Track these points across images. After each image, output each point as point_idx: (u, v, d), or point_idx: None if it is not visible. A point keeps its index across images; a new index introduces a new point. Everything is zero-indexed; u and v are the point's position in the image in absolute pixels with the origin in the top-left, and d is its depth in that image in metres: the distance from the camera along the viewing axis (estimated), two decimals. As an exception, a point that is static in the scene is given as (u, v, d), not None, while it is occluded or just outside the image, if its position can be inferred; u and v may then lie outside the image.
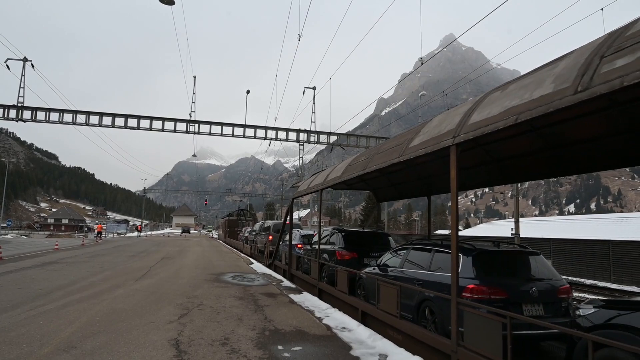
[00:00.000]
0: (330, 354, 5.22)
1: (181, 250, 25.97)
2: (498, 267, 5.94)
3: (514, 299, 5.37)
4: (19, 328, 5.81)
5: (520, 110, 3.90)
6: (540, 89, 3.82)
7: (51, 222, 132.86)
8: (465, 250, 5.90)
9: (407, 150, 6.10)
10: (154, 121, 29.33)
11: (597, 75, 3.25)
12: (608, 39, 3.51)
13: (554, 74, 3.79)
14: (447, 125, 5.36)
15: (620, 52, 3.21)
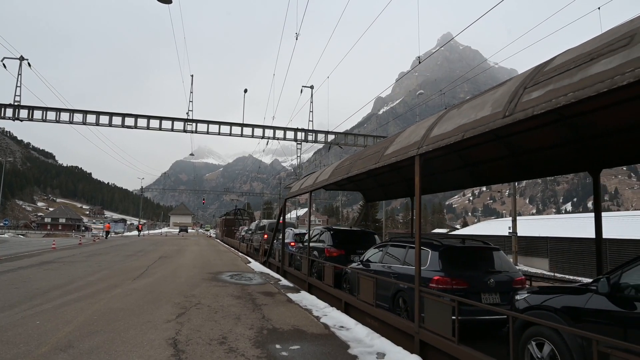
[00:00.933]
0: (328, 352, 5.23)
1: (179, 249, 25.93)
2: (461, 261, 6.64)
3: (473, 289, 6.13)
4: (16, 327, 5.79)
5: (467, 128, 4.69)
6: (482, 111, 4.58)
7: (48, 222, 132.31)
8: (434, 246, 6.72)
9: (382, 157, 6.97)
10: (151, 120, 29.28)
11: (519, 103, 3.98)
12: (533, 72, 4.23)
13: (493, 99, 4.52)
14: (414, 137, 6.14)
15: (536, 85, 3.90)
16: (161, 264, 15.96)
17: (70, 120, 27.90)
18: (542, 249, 29.96)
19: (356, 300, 8.00)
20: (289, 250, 14.97)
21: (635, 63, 2.94)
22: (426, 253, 6.66)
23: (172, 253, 22.06)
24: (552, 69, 3.85)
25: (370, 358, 5.12)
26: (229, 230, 44.70)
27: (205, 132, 30.43)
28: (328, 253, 11.28)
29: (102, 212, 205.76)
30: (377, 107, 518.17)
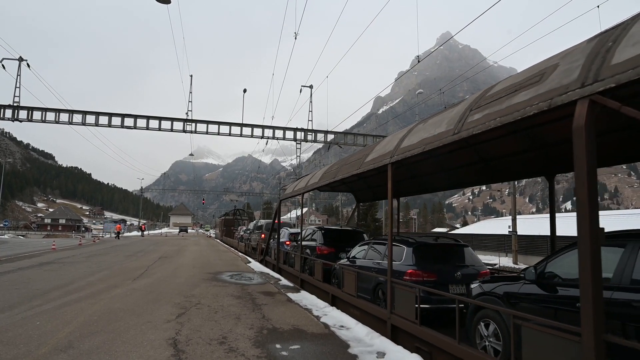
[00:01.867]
0: (329, 352, 5.23)
1: (179, 249, 25.93)
2: (432, 256, 7.40)
3: (442, 281, 6.86)
4: (16, 328, 5.79)
5: (428, 141, 5.44)
6: (439, 127, 5.30)
7: (48, 222, 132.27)
8: (409, 244, 7.51)
9: (363, 164, 7.81)
10: (151, 120, 29.26)
11: (465, 123, 4.64)
12: (478, 97, 4.89)
13: (449, 118, 5.23)
14: (389, 147, 6.94)
15: (478, 109, 4.57)
16: (161, 264, 15.96)
17: (69, 120, 27.88)
18: (542, 247, 29.96)
19: (341, 293, 8.81)
20: (284, 248, 15.66)
21: (540, 97, 3.68)
22: (402, 249, 7.49)
23: (172, 253, 22.06)
24: (491, 95, 4.57)
25: (370, 357, 5.12)
26: (228, 230, 45.24)
27: (204, 132, 30.40)
28: (319, 251, 12.05)
29: (102, 212, 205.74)
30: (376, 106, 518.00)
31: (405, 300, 6.12)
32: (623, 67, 3.08)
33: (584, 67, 3.50)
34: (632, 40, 3.23)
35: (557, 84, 3.65)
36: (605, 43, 3.49)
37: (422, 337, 5.57)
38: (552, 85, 3.67)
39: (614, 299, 3.72)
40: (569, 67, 3.69)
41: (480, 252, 38.51)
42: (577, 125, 3.32)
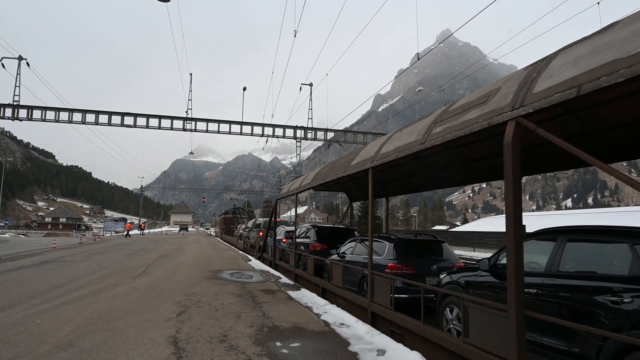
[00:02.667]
0: (329, 349, 5.23)
1: (179, 248, 25.95)
2: (411, 251, 8.17)
3: (419, 273, 7.58)
4: (17, 327, 5.80)
5: (401, 149, 6.24)
6: (411, 137, 6.07)
7: (49, 221, 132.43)
8: (391, 240, 8.32)
9: (348, 168, 8.70)
10: (151, 119, 29.26)
11: (430, 135, 5.43)
12: (443, 111, 5.70)
13: (419, 129, 6.00)
14: (370, 153, 7.78)
15: (441, 122, 5.33)
16: (161, 262, 15.97)
17: (69, 119, 27.87)
18: (542, 245, 30.01)
19: (330, 285, 9.73)
20: (281, 246, 16.42)
21: (484, 117, 4.41)
22: (384, 245, 8.30)
23: (172, 252, 22.08)
24: (451, 111, 5.32)
25: (370, 355, 5.12)
26: (228, 229, 45.95)
27: (204, 130, 30.39)
28: (312, 247, 12.80)
29: (102, 211, 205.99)
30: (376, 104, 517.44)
31: (382, 290, 6.99)
32: (539, 96, 3.71)
33: (516, 93, 4.12)
34: (548, 73, 3.83)
35: (496, 105, 4.35)
36: (532, 73, 4.09)
37: (395, 321, 6.45)
38: (493, 106, 4.38)
39: (545, 283, 4.56)
40: (506, 92, 4.35)
41: (480, 250, 38.54)
42: (506, 142, 3.97)
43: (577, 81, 3.31)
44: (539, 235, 5.23)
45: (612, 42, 3.27)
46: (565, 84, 3.43)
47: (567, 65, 3.60)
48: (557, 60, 3.82)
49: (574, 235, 4.67)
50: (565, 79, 3.47)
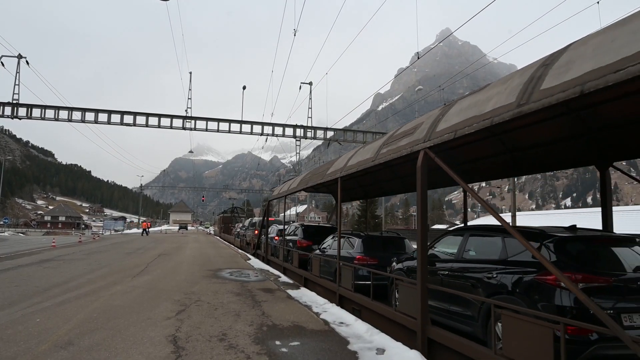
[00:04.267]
0: (328, 348, 5.24)
1: (178, 246, 25.96)
2: (376, 245, 9.64)
3: (382, 264, 8.70)
4: (16, 325, 5.80)
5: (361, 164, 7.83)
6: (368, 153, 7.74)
7: (48, 220, 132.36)
8: (360, 236, 9.82)
9: (325, 176, 10.24)
10: (150, 117, 29.25)
11: (379, 154, 7.02)
12: (390, 135, 7.23)
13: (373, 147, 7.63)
14: (339, 164, 9.43)
15: (387, 145, 6.88)
16: (161, 261, 15.97)
17: (69, 118, 27.85)
18: (541, 244, 29.99)
19: (310, 275, 11.23)
20: (273, 243, 17.87)
21: (410, 145, 5.95)
22: (355, 240, 9.79)
23: (171, 250, 22.09)
24: (394, 136, 6.83)
25: (369, 354, 5.13)
26: (226, 227, 46.82)
27: (204, 129, 30.38)
28: (299, 244, 14.04)
29: (101, 210, 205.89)
30: (376, 103, 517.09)
31: (347, 277, 8.47)
32: (439, 134, 5.22)
33: (428, 129, 5.58)
34: (447, 117, 5.27)
35: (416, 137, 5.84)
36: (439, 116, 5.57)
37: (355, 300, 7.98)
38: (415, 137, 5.90)
39: (454, 267, 6.01)
40: (423, 128, 5.82)
41: (479, 249, 38.57)
42: (418, 165, 5.52)
43: (454, 128, 4.93)
44: (453, 232, 6.78)
45: (474, 103, 4.80)
46: (450, 129, 5.03)
47: (453, 114, 5.17)
48: (452, 109, 5.39)
49: (473, 231, 6.11)
50: (449, 125, 5.09)
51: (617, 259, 4.71)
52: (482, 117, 4.42)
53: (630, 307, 4.19)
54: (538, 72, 3.97)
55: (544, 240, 4.81)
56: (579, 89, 3.26)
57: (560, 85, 3.51)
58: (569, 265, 4.44)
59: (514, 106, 3.98)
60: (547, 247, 4.71)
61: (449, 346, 4.95)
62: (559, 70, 3.68)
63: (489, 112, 4.33)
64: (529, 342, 3.84)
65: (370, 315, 7.25)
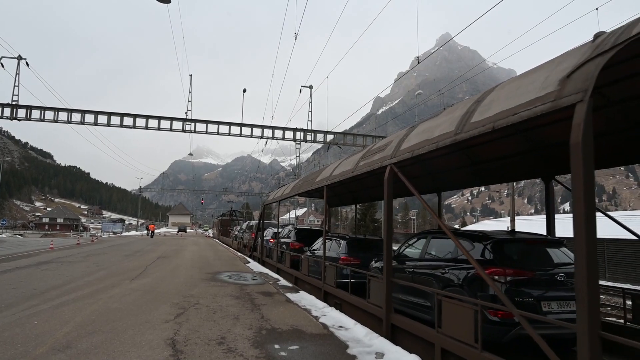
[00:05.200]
0: (327, 352, 5.22)
1: (177, 249, 25.90)
2: (359, 247, 10.42)
3: (364, 263, 9.41)
4: (13, 328, 5.77)
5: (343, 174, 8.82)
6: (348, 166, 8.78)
7: (46, 222, 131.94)
8: (345, 239, 10.78)
9: (314, 183, 11.25)
10: (150, 120, 29.22)
11: (357, 166, 7.99)
12: (368, 149, 8.26)
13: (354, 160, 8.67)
14: (326, 173, 10.38)
15: (364, 158, 7.88)
16: (160, 264, 15.93)
17: (68, 119, 27.83)
18: (540, 248, 29.96)
19: (300, 274, 12.14)
20: (268, 245, 18.68)
21: (380, 160, 6.90)
22: (340, 242, 10.72)
23: (170, 253, 22.04)
24: (371, 150, 7.88)
25: (369, 358, 5.11)
26: (225, 230, 47.45)
27: (204, 131, 30.38)
28: (292, 246, 14.90)
29: (100, 212, 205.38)
30: (376, 107, 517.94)
31: (331, 275, 9.42)
32: (402, 152, 6.23)
33: (395, 147, 6.59)
34: (409, 138, 6.29)
35: (386, 154, 6.85)
36: (404, 135, 6.66)
37: (337, 295, 8.96)
38: (385, 154, 6.89)
39: (418, 265, 6.91)
40: (392, 145, 6.83)
41: (478, 253, 38.55)
42: (385, 178, 6.54)
43: (412, 148, 5.94)
44: (419, 235, 7.68)
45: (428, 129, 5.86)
46: (409, 148, 6.02)
47: (413, 136, 6.19)
48: (413, 132, 6.37)
49: (434, 235, 7.01)
50: (410, 145, 6.07)
51: (545, 257, 5.66)
52: (432, 141, 5.46)
53: (550, 296, 5.15)
54: (472, 107, 4.94)
55: (485, 242, 5.72)
56: (491, 125, 4.30)
57: (482, 121, 4.52)
58: (502, 262, 5.38)
59: (452, 134, 4.99)
60: (486, 247, 5.65)
61: (407, 330, 5.98)
62: (483, 109, 4.67)
63: (436, 137, 5.38)
64: (459, 321, 4.85)
65: (349, 307, 8.24)
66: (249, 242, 24.36)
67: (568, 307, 5.18)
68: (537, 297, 5.07)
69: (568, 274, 5.37)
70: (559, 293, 5.22)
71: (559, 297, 5.20)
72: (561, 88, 3.66)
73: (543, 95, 3.79)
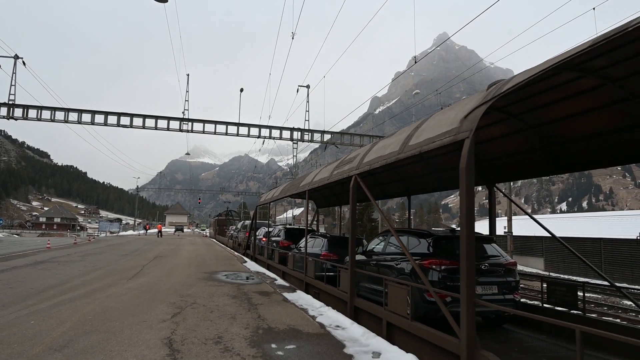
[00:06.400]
0: (324, 352, 5.23)
1: (174, 248, 25.86)
2: (338, 244, 11.46)
3: (342, 259, 10.17)
4: (10, 327, 5.76)
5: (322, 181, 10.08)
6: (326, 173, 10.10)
7: (43, 221, 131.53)
8: (326, 237, 12.03)
9: (299, 187, 12.77)
10: (147, 119, 29.12)
11: (332, 175, 9.38)
12: (341, 161, 9.49)
13: (329, 169, 9.96)
14: (309, 179, 11.92)
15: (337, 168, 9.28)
16: (157, 263, 15.91)
17: (65, 119, 27.72)
18: (537, 248, 30.10)
19: (287, 269, 13.58)
20: (260, 243, 20.02)
21: (348, 171, 8.20)
22: (322, 240, 11.91)
23: (167, 252, 22.00)
24: (344, 161, 9.19)
25: (365, 357, 5.12)
26: (221, 230, 48.46)
27: (201, 131, 30.29)
28: (281, 244, 16.11)
29: (97, 211, 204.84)
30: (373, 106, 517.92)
31: (312, 268, 10.75)
32: (363, 165, 7.49)
33: (360, 160, 7.85)
34: (370, 153, 7.54)
35: (353, 165, 8.12)
36: (368, 150, 7.89)
37: (316, 286, 10.24)
38: (352, 165, 8.20)
39: (380, 259, 7.99)
40: (358, 158, 8.08)
41: (475, 253, 38.56)
42: (351, 186, 7.73)
43: (370, 162, 7.23)
44: (383, 233, 8.73)
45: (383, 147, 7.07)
46: (368, 163, 7.32)
47: (373, 152, 7.43)
48: (374, 147, 7.59)
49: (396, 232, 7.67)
50: (369, 159, 7.35)
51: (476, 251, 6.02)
52: (383, 158, 6.74)
53: (479, 281, 6.15)
54: (412, 132, 6.20)
55: (428, 239, 6.93)
56: (419, 150, 5.60)
57: (415, 145, 5.75)
58: (439, 255, 6.52)
59: (396, 153, 6.26)
60: (429, 243, 6.81)
61: (365, 310, 7.28)
62: (418, 134, 5.91)
63: (387, 154, 6.63)
64: (398, 300, 6.11)
65: (325, 295, 9.53)
66: (243, 241, 25.38)
67: (490, 290, 6.32)
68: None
69: (492, 264, 6.50)
70: (483, 279, 6.27)
71: (483, 282, 6.27)
72: (460, 125, 4.82)
73: (449, 130, 5.00)
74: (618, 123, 5.64)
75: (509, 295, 6.42)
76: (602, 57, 4.56)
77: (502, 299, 6.28)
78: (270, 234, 18.75)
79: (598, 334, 3.47)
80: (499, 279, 6.44)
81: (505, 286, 6.44)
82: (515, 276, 6.67)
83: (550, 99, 5.84)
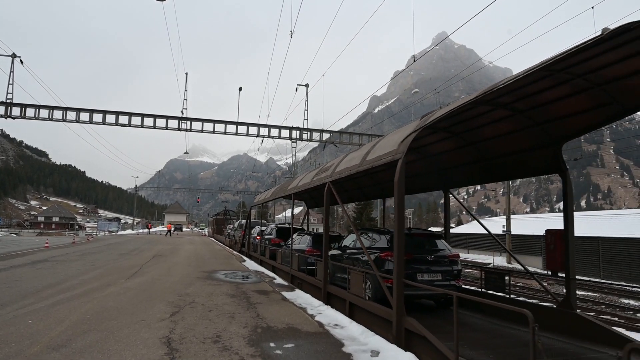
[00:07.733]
0: (323, 350, 5.23)
1: (173, 248, 25.83)
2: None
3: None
4: (8, 327, 5.75)
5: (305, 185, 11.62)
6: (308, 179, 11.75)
7: (41, 220, 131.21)
8: (310, 234, 13.06)
9: (286, 190, 14.15)
10: (145, 118, 29.06)
11: (313, 180, 10.94)
12: (322, 168, 11.05)
13: (310, 176, 11.76)
14: (295, 183, 13.27)
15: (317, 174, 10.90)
16: (155, 262, 15.90)
17: (63, 118, 27.65)
18: (535, 247, 30.11)
19: (276, 263, 14.83)
20: (255, 241, 21.11)
21: (323, 178, 9.72)
22: (307, 238, 12.95)
23: (166, 252, 21.98)
24: (323, 169, 10.64)
25: (364, 356, 5.12)
26: (219, 229, 50.06)
27: (199, 130, 30.24)
28: (273, 241, 17.25)
29: (95, 210, 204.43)
30: (372, 105, 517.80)
31: (296, 262, 12.11)
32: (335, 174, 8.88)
33: (333, 169, 9.10)
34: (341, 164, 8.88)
35: (328, 173, 9.41)
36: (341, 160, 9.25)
37: (299, 277, 11.52)
38: (327, 173, 9.49)
39: (351, 253, 9.04)
40: (331, 168, 9.36)
41: (474, 252, 38.65)
42: (325, 192, 9.23)
43: (339, 172, 8.59)
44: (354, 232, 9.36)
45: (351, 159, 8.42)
46: (338, 173, 8.70)
47: (343, 163, 8.75)
48: (345, 158, 8.87)
49: (362, 231, 9.32)
50: (339, 169, 8.66)
51: (426, 245, 7.99)
52: (350, 169, 8.12)
53: (422, 269, 7.47)
54: (371, 148, 7.54)
55: (386, 235, 8.14)
56: (370, 164, 7.12)
57: (369, 160, 7.23)
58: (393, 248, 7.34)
59: (357, 166, 7.72)
60: (387, 239, 8.05)
61: (335, 294, 8.73)
62: (373, 151, 7.33)
63: (352, 166, 8.03)
64: (357, 284, 7.59)
65: (307, 285, 10.69)
66: (239, 239, 27.05)
67: (435, 277, 7.53)
68: (414, 270, 7.34)
69: (438, 256, 7.78)
70: (429, 267, 7.56)
71: (429, 270, 7.55)
72: (398, 147, 6.23)
73: (391, 150, 6.44)
74: (529, 143, 7.25)
75: (452, 281, 7.62)
76: (508, 94, 6.06)
77: (447, 284, 7.43)
78: (264, 232, 20.13)
79: (478, 300, 4.81)
80: (444, 268, 7.68)
81: (448, 274, 7.66)
82: (457, 266, 7.89)
83: (481, 122, 7.39)
